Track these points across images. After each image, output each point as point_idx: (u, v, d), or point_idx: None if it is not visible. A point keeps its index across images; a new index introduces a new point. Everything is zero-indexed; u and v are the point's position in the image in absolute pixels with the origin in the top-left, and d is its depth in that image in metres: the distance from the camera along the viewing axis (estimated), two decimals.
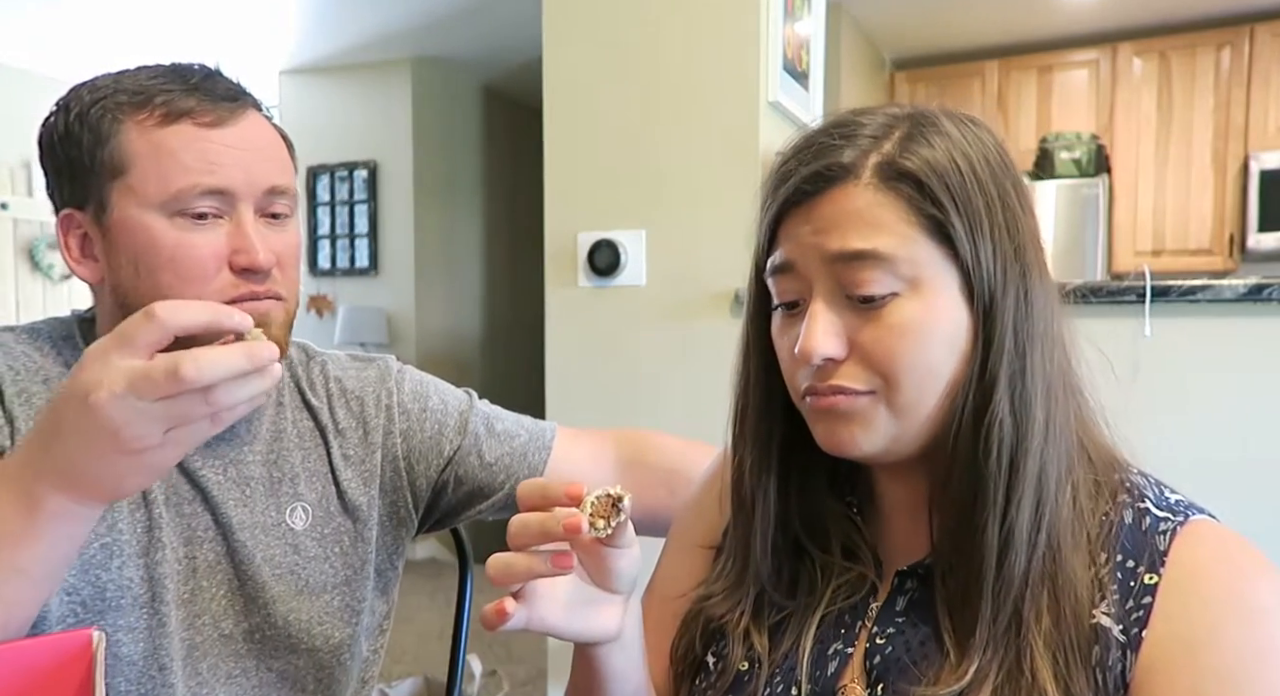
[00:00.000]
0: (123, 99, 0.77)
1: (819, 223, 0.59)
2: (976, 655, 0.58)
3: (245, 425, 0.86)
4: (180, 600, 0.81)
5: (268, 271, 0.78)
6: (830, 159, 0.59)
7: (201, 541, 0.83)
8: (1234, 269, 3.92)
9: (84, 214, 0.79)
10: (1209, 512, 0.62)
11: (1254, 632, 0.56)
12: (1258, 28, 3.87)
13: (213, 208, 0.77)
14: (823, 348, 0.59)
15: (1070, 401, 0.62)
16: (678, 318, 2.01)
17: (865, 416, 0.60)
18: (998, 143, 0.62)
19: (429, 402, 0.97)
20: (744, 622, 0.68)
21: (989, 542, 0.59)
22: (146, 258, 0.76)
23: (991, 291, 0.58)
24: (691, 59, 1.99)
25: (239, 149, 0.78)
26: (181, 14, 3.83)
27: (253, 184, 0.78)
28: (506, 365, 4.99)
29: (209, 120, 0.77)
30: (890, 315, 0.58)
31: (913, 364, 0.58)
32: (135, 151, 0.76)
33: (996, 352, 0.58)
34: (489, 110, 4.96)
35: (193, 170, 0.76)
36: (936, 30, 4.16)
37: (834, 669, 0.65)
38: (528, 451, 0.98)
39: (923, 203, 0.57)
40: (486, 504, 0.97)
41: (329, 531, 0.89)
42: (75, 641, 0.56)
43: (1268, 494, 1.56)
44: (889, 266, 0.57)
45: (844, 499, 0.70)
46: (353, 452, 0.92)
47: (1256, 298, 1.55)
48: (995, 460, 0.58)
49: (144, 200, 0.76)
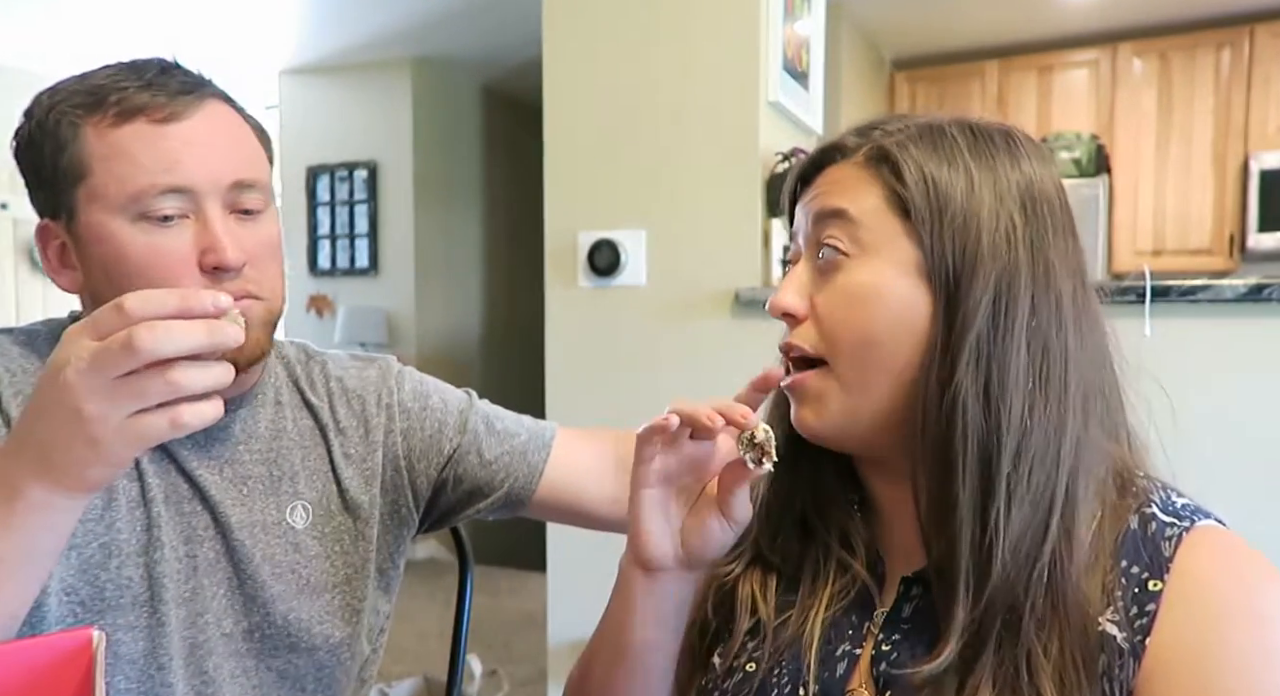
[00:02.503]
0: (78, 101, 0.75)
1: (816, 191, 0.67)
2: (952, 658, 0.58)
3: (240, 424, 0.86)
4: (181, 599, 0.81)
5: (239, 270, 0.76)
6: (837, 142, 0.67)
7: (201, 540, 0.82)
8: (1234, 269, 3.92)
9: (58, 223, 0.78)
10: (1216, 517, 0.62)
11: (1258, 640, 0.55)
12: (1258, 28, 3.87)
13: (176, 208, 0.74)
14: (780, 300, 0.65)
15: (1098, 420, 0.62)
16: (678, 318, 2.01)
17: (818, 393, 0.64)
18: (1033, 174, 0.63)
19: (429, 401, 0.97)
20: (750, 585, 0.71)
21: (962, 546, 0.59)
22: (116, 265, 0.74)
23: (956, 276, 0.60)
24: (691, 59, 1.99)
25: (198, 144, 0.75)
26: (181, 14, 3.84)
27: (216, 179, 0.75)
28: (506, 365, 4.99)
29: (163, 116, 0.74)
30: (840, 277, 0.63)
31: (851, 329, 0.62)
32: (92, 154, 0.74)
33: (959, 335, 0.59)
34: (489, 110, 4.96)
35: (150, 170, 0.73)
36: (936, 30, 4.16)
37: (842, 671, 0.65)
38: (527, 450, 0.98)
39: (897, 185, 0.62)
40: (485, 503, 0.97)
41: (330, 530, 0.89)
42: (75, 641, 0.56)
43: (1267, 494, 1.56)
44: (851, 229, 0.63)
45: (847, 495, 0.71)
46: (354, 451, 0.92)
47: (1256, 298, 1.55)
48: (963, 448, 0.58)
49: (107, 205, 0.74)
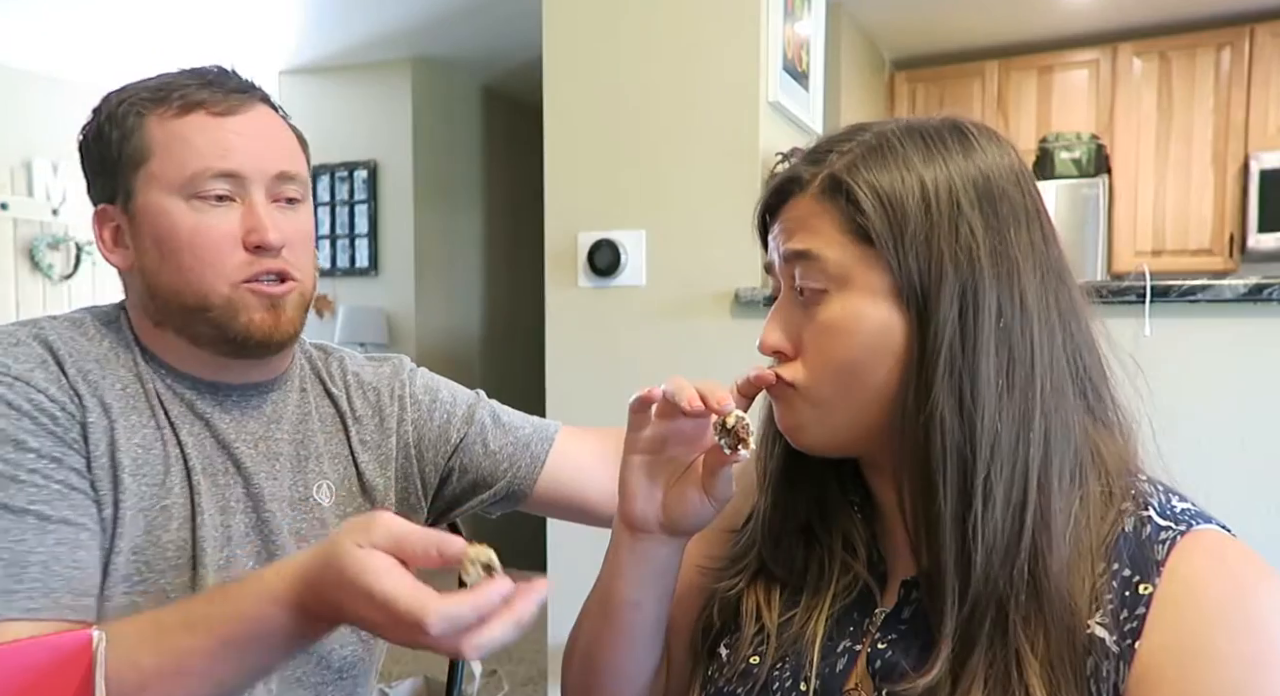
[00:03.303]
0: (145, 96, 0.84)
1: (781, 227, 0.67)
2: (947, 662, 0.59)
3: (271, 405, 0.92)
4: (217, 565, 0.84)
5: (278, 251, 0.84)
6: (793, 174, 0.67)
7: (234, 511, 0.87)
8: (1234, 269, 3.92)
9: (115, 207, 0.86)
10: (1219, 523, 0.61)
11: (1248, 646, 0.55)
12: (1258, 28, 3.86)
13: (226, 190, 0.83)
14: (768, 339, 0.67)
15: (1069, 409, 0.62)
16: (678, 317, 2.01)
17: (793, 406, 0.66)
18: (989, 168, 0.63)
19: (439, 395, 1.02)
20: (755, 597, 0.72)
21: (945, 546, 0.59)
22: (167, 239, 0.83)
23: (924, 294, 0.60)
24: (691, 59, 1.99)
25: (249, 136, 0.84)
26: (182, 13, 3.83)
27: (262, 168, 0.84)
28: (506, 365, 4.98)
29: (220, 109, 0.84)
30: (820, 313, 0.64)
31: (834, 360, 0.63)
32: (155, 141, 0.83)
33: (932, 352, 0.60)
34: (489, 110, 4.96)
35: (206, 154, 0.82)
36: (936, 30, 4.16)
37: (842, 666, 0.66)
38: (531, 442, 1.02)
39: (854, 213, 0.62)
40: (489, 493, 1.00)
41: (351, 510, 0.94)
42: (75, 641, 0.56)
43: (1267, 494, 1.56)
44: (820, 266, 0.63)
45: (848, 497, 0.72)
46: (369, 438, 0.97)
47: (1256, 298, 1.55)
48: (942, 461, 0.59)
49: (164, 185, 0.83)
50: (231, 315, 0.83)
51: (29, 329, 0.83)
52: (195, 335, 0.85)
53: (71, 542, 0.76)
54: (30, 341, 0.82)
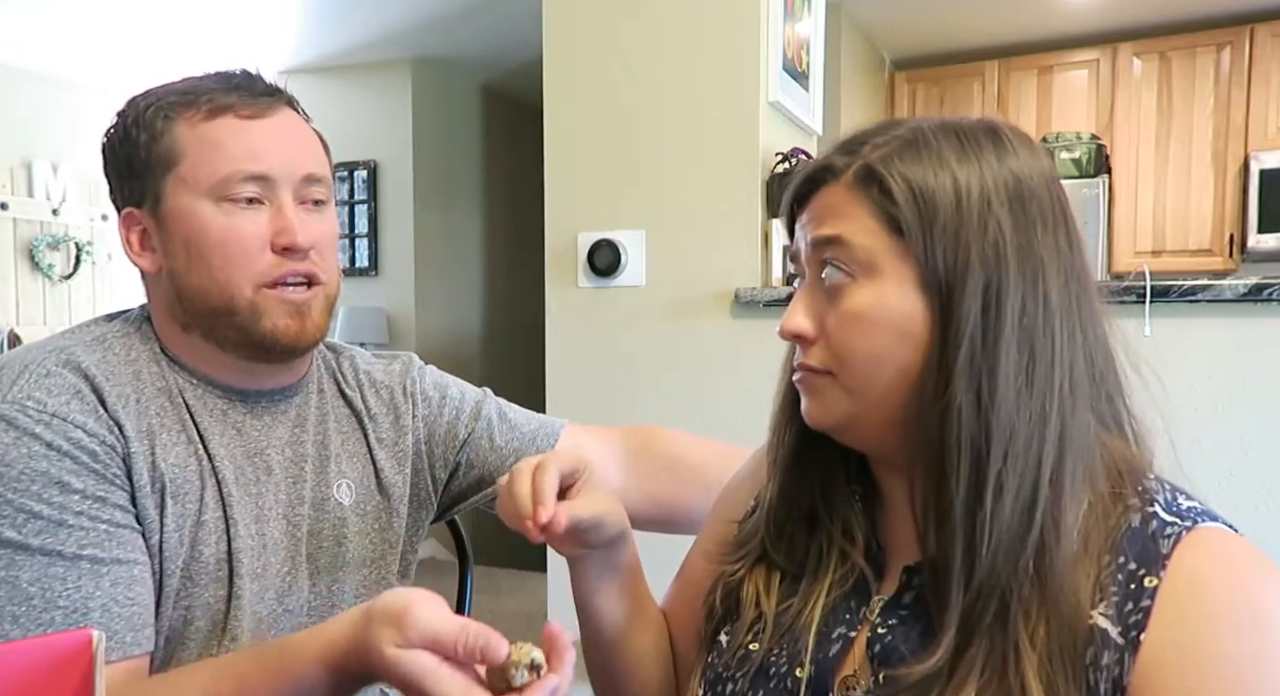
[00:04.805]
0: (173, 99, 0.84)
1: (811, 214, 0.68)
2: (949, 650, 0.59)
3: (295, 409, 0.93)
4: (253, 574, 0.85)
5: (305, 252, 0.85)
6: (826, 163, 0.67)
7: (268, 518, 0.88)
8: (1234, 269, 3.92)
9: (142, 210, 0.86)
10: (1225, 522, 0.61)
11: (1252, 642, 0.55)
12: (1258, 28, 3.87)
13: (255, 193, 0.84)
14: (790, 324, 0.67)
15: (1085, 412, 0.62)
16: (678, 318, 2.01)
17: (821, 392, 0.67)
18: (1021, 171, 0.63)
19: (448, 392, 1.04)
20: (755, 584, 0.73)
21: (956, 540, 0.60)
22: (197, 241, 0.83)
23: (949, 287, 0.61)
24: (691, 59, 1.99)
25: (277, 139, 0.85)
26: (182, 13, 3.83)
27: (290, 171, 0.85)
28: (506, 365, 4.98)
29: (249, 113, 0.84)
30: (846, 301, 0.64)
31: (858, 347, 0.64)
32: (185, 144, 0.83)
33: (953, 344, 0.60)
34: (489, 110, 4.96)
35: (236, 157, 0.83)
36: (936, 30, 4.16)
37: (835, 651, 0.67)
38: (536, 437, 1.04)
39: (885, 202, 0.63)
40: (494, 488, 1.00)
41: (369, 509, 0.95)
42: (75, 641, 0.56)
43: (1267, 494, 1.56)
44: (848, 252, 0.64)
45: (851, 486, 0.73)
46: (385, 436, 0.98)
47: (1256, 298, 1.55)
48: (956, 451, 0.60)
49: (194, 188, 0.83)
50: (255, 319, 0.83)
51: (56, 355, 0.81)
52: (222, 339, 0.85)
53: (126, 581, 0.76)
54: (62, 370, 0.80)
